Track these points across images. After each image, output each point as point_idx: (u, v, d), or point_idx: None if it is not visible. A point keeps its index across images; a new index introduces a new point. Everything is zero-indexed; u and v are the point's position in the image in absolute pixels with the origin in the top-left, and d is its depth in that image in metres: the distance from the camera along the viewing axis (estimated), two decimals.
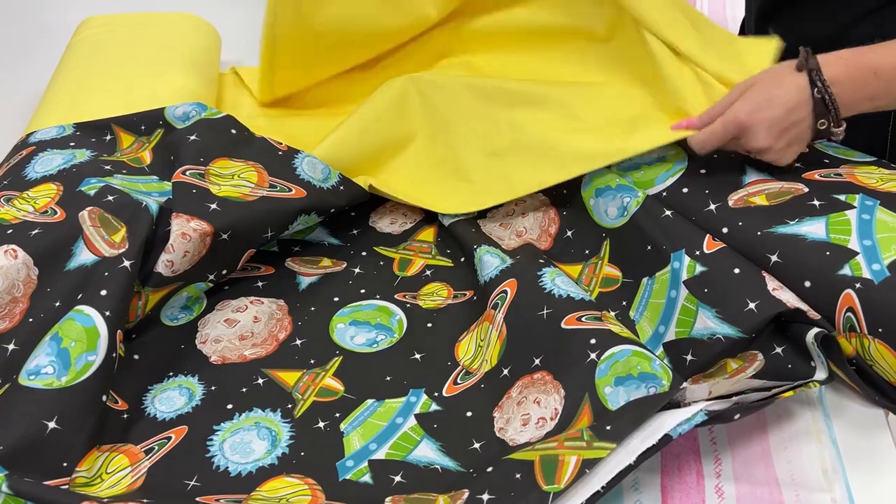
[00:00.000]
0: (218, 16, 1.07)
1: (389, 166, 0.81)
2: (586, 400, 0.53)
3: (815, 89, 0.60)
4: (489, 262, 0.68)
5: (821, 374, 0.55)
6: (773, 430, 0.55)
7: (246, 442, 0.57)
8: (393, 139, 0.80)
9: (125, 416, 0.59)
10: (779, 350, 0.57)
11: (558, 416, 0.54)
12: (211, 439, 0.57)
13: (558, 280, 0.64)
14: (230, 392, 0.62)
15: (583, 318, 0.59)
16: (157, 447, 0.56)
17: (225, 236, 0.66)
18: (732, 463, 0.53)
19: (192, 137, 0.72)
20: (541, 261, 0.67)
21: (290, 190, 0.71)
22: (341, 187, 0.75)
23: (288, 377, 0.63)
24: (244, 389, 0.62)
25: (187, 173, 0.69)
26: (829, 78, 0.60)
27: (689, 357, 0.59)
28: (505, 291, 0.64)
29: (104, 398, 0.57)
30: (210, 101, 0.93)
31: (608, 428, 0.49)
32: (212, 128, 0.74)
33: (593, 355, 0.55)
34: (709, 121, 0.65)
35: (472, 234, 0.74)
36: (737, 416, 0.51)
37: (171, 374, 0.63)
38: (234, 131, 0.75)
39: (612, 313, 0.65)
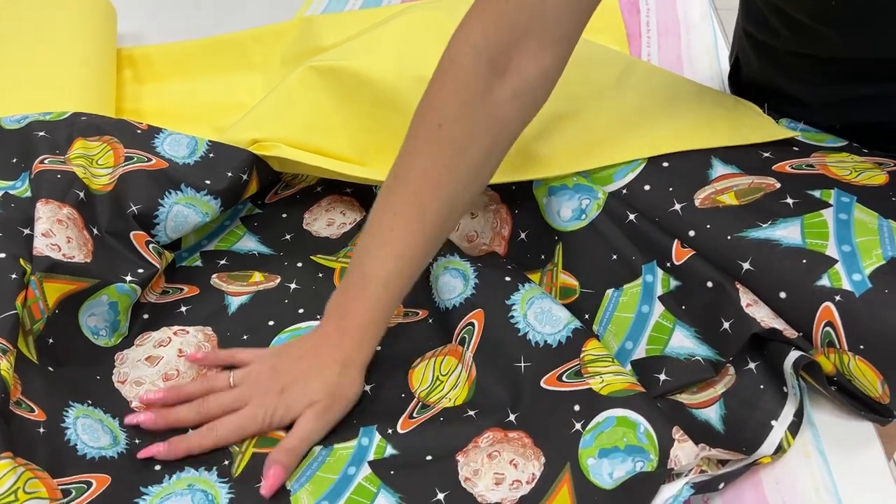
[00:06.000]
0: None
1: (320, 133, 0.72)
2: (566, 469, 0.49)
3: None
4: (451, 286, 0.61)
5: (790, 407, 0.52)
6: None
7: None
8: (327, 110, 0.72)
9: (41, 430, 0.51)
10: (752, 366, 0.54)
11: (535, 481, 0.50)
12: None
13: (531, 314, 0.58)
14: None
15: (563, 377, 0.54)
16: (74, 492, 0.49)
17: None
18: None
19: (42, 134, 0.67)
20: (507, 279, 0.61)
21: (150, 160, 0.67)
22: (211, 155, 0.68)
23: None
24: None
25: (46, 161, 0.64)
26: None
27: (661, 377, 0.55)
28: (471, 324, 0.58)
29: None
30: (109, 82, 0.84)
31: None
32: (59, 124, 0.69)
33: (578, 425, 0.51)
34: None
35: None
36: (721, 486, 0.49)
37: (90, 402, 0.56)
38: (84, 118, 0.69)
39: None
